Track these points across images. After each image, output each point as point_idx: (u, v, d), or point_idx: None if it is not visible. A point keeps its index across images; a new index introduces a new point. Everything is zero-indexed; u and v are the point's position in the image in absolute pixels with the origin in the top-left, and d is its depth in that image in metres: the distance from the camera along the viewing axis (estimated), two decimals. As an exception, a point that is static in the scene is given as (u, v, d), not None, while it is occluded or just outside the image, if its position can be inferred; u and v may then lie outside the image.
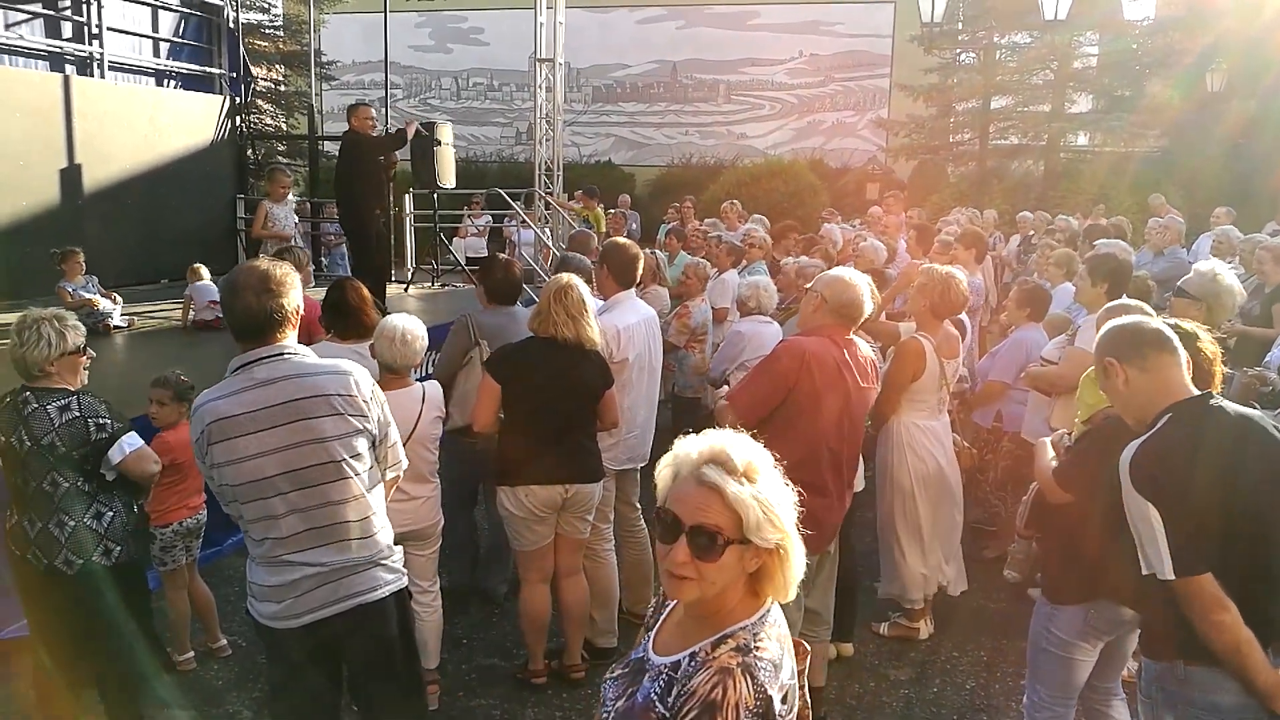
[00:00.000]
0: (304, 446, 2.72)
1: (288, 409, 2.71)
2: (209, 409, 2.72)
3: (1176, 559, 2.23)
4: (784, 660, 1.62)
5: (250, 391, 2.71)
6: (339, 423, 2.76)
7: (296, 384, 2.74)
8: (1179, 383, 2.43)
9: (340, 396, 2.77)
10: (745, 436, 1.67)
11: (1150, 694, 2.46)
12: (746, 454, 1.63)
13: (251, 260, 2.90)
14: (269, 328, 2.73)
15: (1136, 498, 2.30)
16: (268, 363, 2.74)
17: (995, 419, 5.48)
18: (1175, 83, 16.92)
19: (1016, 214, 12.94)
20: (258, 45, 18.07)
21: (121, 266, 10.69)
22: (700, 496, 1.58)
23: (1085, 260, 5.49)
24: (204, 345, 7.98)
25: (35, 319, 3.37)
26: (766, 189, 19.22)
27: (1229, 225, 9.28)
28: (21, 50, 10.61)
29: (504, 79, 24.83)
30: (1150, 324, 2.53)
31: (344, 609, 2.80)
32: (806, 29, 23.29)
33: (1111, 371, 2.49)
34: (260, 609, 2.80)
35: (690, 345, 6.72)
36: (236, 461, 2.69)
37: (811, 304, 3.75)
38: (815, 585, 3.93)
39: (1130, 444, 2.38)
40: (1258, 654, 2.22)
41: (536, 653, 4.33)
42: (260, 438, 2.68)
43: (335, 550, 2.78)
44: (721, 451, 1.61)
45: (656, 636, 1.73)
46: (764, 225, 10.17)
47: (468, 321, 4.70)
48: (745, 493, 1.58)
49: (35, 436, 3.29)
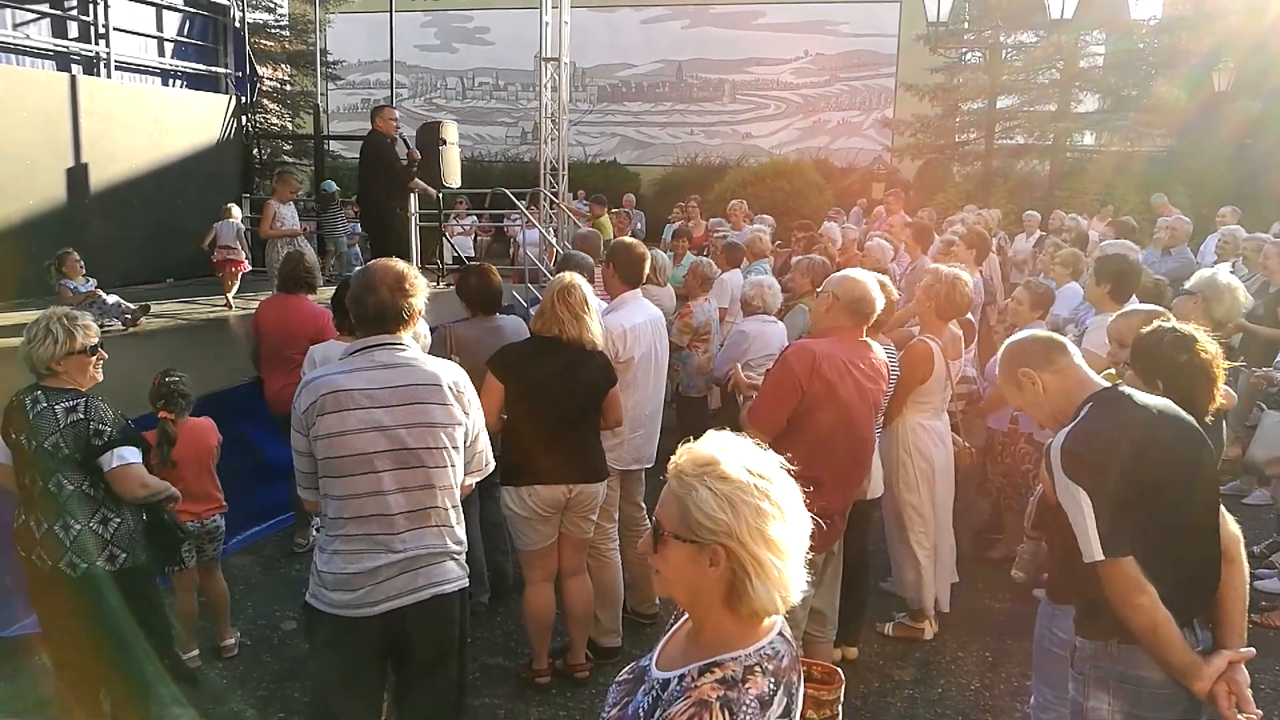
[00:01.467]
0: (417, 429, 2.83)
1: (404, 391, 2.83)
2: (326, 381, 2.81)
3: (1104, 541, 2.31)
4: (777, 696, 1.53)
5: (370, 371, 2.83)
6: (449, 412, 2.89)
7: (416, 370, 2.88)
8: (1088, 377, 2.56)
9: (452, 389, 2.91)
10: (739, 438, 1.63)
11: (1083, 671, 2.53)
12: (710, 453, 1.57)
13: (387, 259, 3.00)
14: (396, 322, 2.88)
15: (1068, 484, 2.37)
16: (389, 349, 2.87)
17: (1010, 421, 5.46)
18: (1181, 82, 16.88)
19: (1022, 213, 12.92)
20: (263, 45, 18.11)
21: (127, 265, 10.73)
22: (664, 492, 1.61)
23: (1093, 261, 5.48)
24: (202, 346, 7.98)
25: (47, 316, 3.38)
26: (772, 188, 19.25)
27: (1234, 225, 9.27)
28: (28, 50, 10.66)
29: (509, 78, 24.89)
30: (1044, 333, 2.71)
31: (421, 599, 2.87)
32: (812, 28, 23.32)
33: (1027, 381, 2.60)
34: (332, 598, 2.83)
35: (694, 345, 6.72)
36: (345, 433, 2.77)
37: (824, 304, 3.76)
38: (821, 584, 3.93)
39: (1058, 434, 2.46)
40: (1174, 635, 2.30)
41: (541, 652, 4.33)
42: (373, 414, 2.78)
43: (424, 536, 2.88)
44: (687, 450, 1.60)
45: (664, 648, 1.71)
46: (770, 225, 10.18)
47: (446, 334, 4.72)
48: (681, 488, 1.55)
49: (40, 437, 3.28)
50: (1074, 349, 2.63)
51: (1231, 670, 2.33)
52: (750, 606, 1.54)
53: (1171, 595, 2.31)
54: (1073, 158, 19.39)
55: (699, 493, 1.53)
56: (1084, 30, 17.70)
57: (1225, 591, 2.46)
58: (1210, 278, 4.60)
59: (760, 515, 1.52)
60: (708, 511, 1.51)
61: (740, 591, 1.53)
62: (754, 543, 1.51)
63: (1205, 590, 2.45)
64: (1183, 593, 2.36)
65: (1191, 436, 2.44)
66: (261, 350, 5.65)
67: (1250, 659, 2.40)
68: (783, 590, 1.54)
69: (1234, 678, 2.32)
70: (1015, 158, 19.81)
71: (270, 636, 4.79)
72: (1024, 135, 19.70)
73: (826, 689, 1.94)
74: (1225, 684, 2.31)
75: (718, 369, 6.05)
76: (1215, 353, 2.79)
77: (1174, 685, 2.37)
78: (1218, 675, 2.32)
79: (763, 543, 1.52)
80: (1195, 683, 2.32)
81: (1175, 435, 2.42)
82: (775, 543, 1.53)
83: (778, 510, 1.54)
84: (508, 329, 4.85)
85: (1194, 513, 2.41)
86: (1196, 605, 2.43)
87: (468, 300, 4.82)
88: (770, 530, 1.52)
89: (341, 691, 2.94)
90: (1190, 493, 2.40)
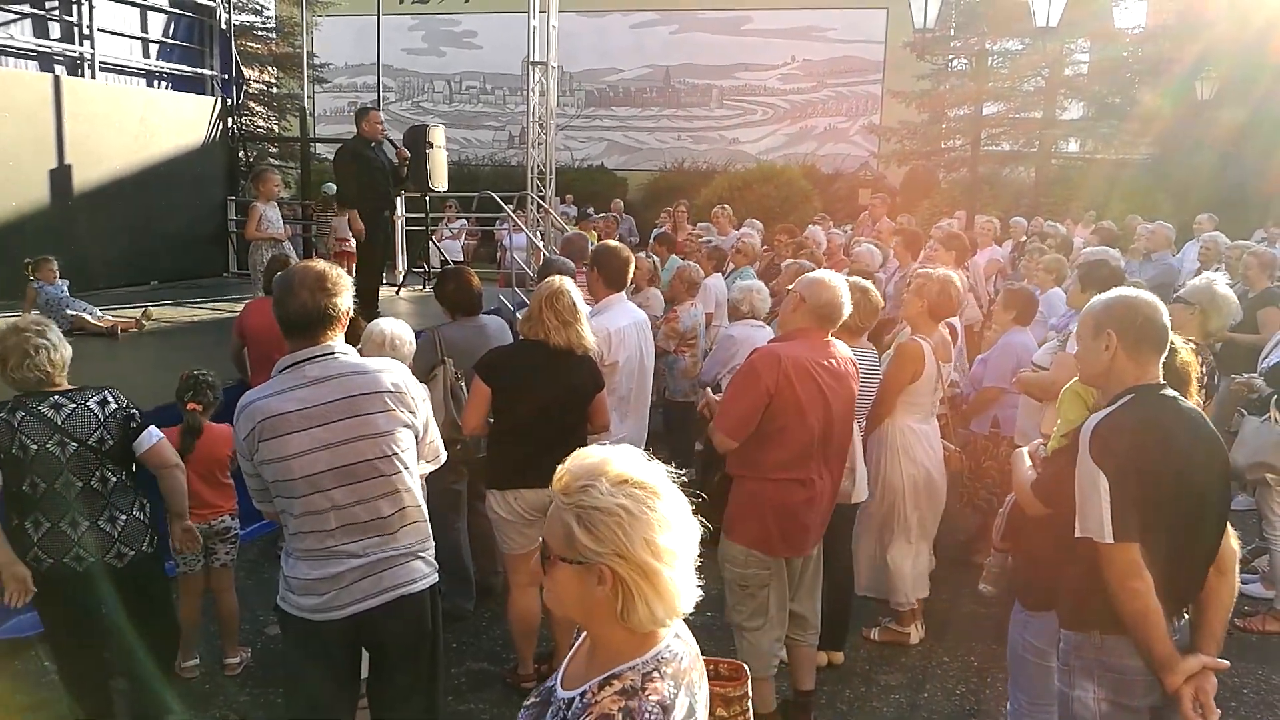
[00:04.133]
0: (358, 442, 2.78)
1: (341, 405, 2.77)
2: (259, 407, 2.75)
3: (1116, 524, 2.38)
4: (679, 699, 1.54)
5: (302, 389, 2.76)
6: (390, 418, 2.83)
7: (350, 381, 2.80)
8: (1151, 373, 2.57)
9: (392, 393, 2.84)
10: (622, 449, 1.59)
11: (1068, 662, 2.61)
12: (590, 469, 1.54)
13: (308, 260, 2.96)
14: (321, 325, 2.79)
15: (1090, 464, 2.43)
16: (319, 361, 2.80)
17: (992, 424, 5.48)
18: (1166, 91, 17.02)
19: (1009, 219, 12.99)
20: (250, 47, 18.02)
21: (111, 268, 10.66)
22: (549, 512, 1.59)
23: (1076, 267, 5.50)
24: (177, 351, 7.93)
25: (21, 333, 3.33)
26: (759, 194, 19.26)
27: (1214, 231, 9.34)
28: (11, 50, 10.57)
29: (497, 82, 24.85)
30: (1160, 320, 2.58)
31: (386, 600, 2.85)
32: (799, 34, 23.38)
33: (1106, 339, 2.56)
34: (300, 602, 2.82)
35: (680, 349, 6.72)
36: (288, 458, 2.73)
37: (791, 304, 3.78)
38: (800, 588, 3.94)
39: (1093, 415, 2.53)
40: (1161, 626, 2.39)
41: (526, 657, 4.32)
42: (312, 434, 2.73)
43: (381, 541, 2.84)
44: (568, 468, 1.57)
45: (567, 667, 1.69)
46: (758, 230, 10.18)
47: (434, 337, 4.72)
48: (564, 508, 1.53)
49: (82, 436, 3.33)
50: (1167, 348, 2.61)
51: (1202, 675, 2.42)
52: (642, 619, 1.53)
53: (1162, 592, 2.39)
54: (1058, 165, 19.50)
55: (581, 512, 1.50)
56: (1069, 38, 17.83)
57: (1211, 601, 2.54)
58: (1207, 288, 4.59)
59: (645, 530, 1.50)
60: (591, 531, 1.49)
61: (630, 606, 1.52)
62: (640, 558, 1.49)
63: (1191, 593, 2.53)
64: (1173, 591, 2.43)
65: (1215, 449, 2.53)
66: (249, 353, 5.62)
67: (1223, 669, 2.47)
68: (673, 601, 1.53)
69: (1202, 683, 2.41)
70: (1002, 165, 19.92)
71: (254, 640, 4.75)
72: (1010, 142, 19.82)
73: (733, 685, 1.92)
74: (1193, 686, 2.40)
75: (705, 373, 6.04)
76: (1191, 361, 2.87)
77: (1147, 672, 2.46)
78: (1189, 675, 2.40)
79: (650, 556, 1.50)
80: (1168, 676, 2.40)
81: (1200, 444, 2.49)
82: (662, 555, 1.51)
83: (663, 522, 1.52)
84: (492, 328, 4.93)
85: (1201, 520, 2.49)
86: (1181, 605, 2.52)
87: (448, 304, 4.91)
88: (657, 542, 1.50)
89: (315, 693, 2.94)
90: (1203, 502, 2.49)
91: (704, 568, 1.60)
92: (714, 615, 4.07)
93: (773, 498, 3.62)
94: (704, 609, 1.63)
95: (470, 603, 5.07)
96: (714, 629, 4.04)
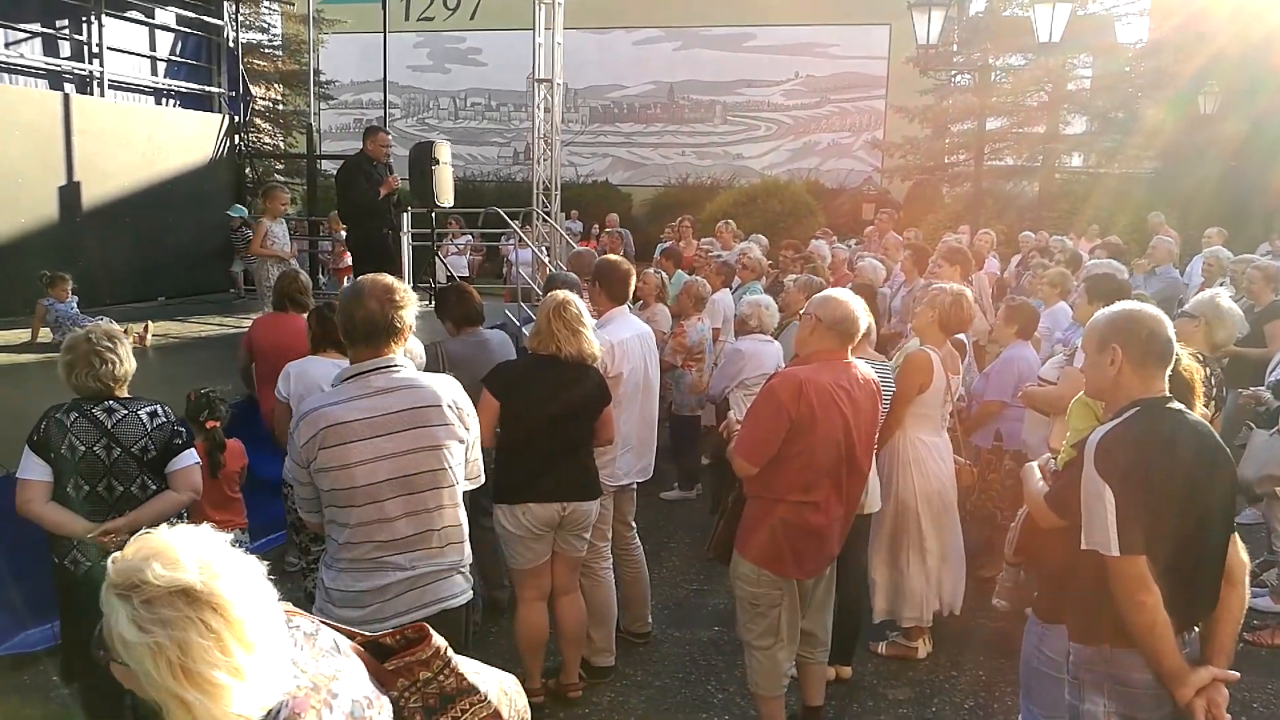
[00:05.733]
0: (419, 453, 2.82)
1: (405, 416, 2.81)
2: (324, 413, 2.78)
3: (1122, 537, 2.37)
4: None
5: (367, 399, 2.79)
6: (449, 431, 2.88)
7: (414, 393, 2.85)
8: (1156, 386, 2.56)
9: (452, 407, 2.89)
10: (199, 530, 1.45)
11: (1078, 676, 2.61)
12: (140, 562, 1.34)
13: (376, 274, 2.97)
14: (387, 336, 2.82)
15: (1095, 477, 2.43)
16: (384, 372, 2.83)
17: (995, 438, 5.48)
18: (1168, 105, 17.05)
19: (1015, 234, 13.01)
20: (257, 65, 18.17)
21: (118, 284, 10.70)
22: None
23: (1083, 280, 5.51)
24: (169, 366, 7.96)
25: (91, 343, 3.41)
26: (763, 209, 19.33)
27: (1219, 246, 9.34)
28: (21, 69, 10.66)
29: (502, 99, 24.96)
30: (1165, 334, 2.58)
31: (429, 614, 2.86)
32: (802, 51, 23.47)
33: (1111, 355, 2.56)
34: (341, 615, 2.82)
35: (687, 364, 6.73)
36: (350, 466, 2.76)
37: (807, 326, 3.74)
38: (811, 606, 3.92)
39: (1098, 429, 2.52)
40: (1169, 639, 2.38)
41: (533, 671, 4.30)
42: (375, 443, 2.76)
43: (428, 554, 2.89)
44: (122, 555, 1.38)
45: None
46: (762, 245, 10.21)
47: (438, 351, 4.76)
48: (106, 604, 1.34)
49: (127, 442, 3.39)
50: (1173, 362, 2.60)
51: (1214, 687, 2.40)
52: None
53: (1171, 605, 2.38)
54: (1061, 179, 19.54)
55: (119, 614, 1.31)
56: (1072, 53, 17.89)
57: (1221, 613, 2.53)
58: (1211, 301, 4.60)
59: (193, 647, 1.30)
60: (127, 639, 1.31)
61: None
62: (180, 684, 1.29)
63: (1203, 607, 2.52)
64: (1181, 604, 2.42)
65: (1221, 461, 2.52)
66: (257, 369, 5.64)
67: (1234, 681, 2.46)
68: (241, 707, 1.33)
69: (1214, 695, 2.39)
70: (1005, 179, 19.95)
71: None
72: (1013, 157, 19.86)
73: (421, 648, 1.76)
74: (1204, 699, 2.38)
75: (713, 388, 6.05)
76: (1195, 371, 2.90)
77: (1157, 685, 2.45)
78: (1200, 687, 2.39)
79: (199, 678, 1.30)
80: (1179, 689, 2.39)
81: (1206, 456, 2.49)
82: (225, 668, 1.32)
83: (221, 629, 1.32)
84: (494, 342, 4.98)
85: (1208, 532, 2.49)
86: (1192, 619, 2.51)
87: (450, 318, 4.95)
88: (212, 657, 1.31)
89: None
90: (1209, 514, 2.48)
91: (716, 581, 1.60)
92: (721, 630, 4.07)
93: (787, 519, 3.59)
94: (712, 624, 1.62)
95: (477, 616, 5.07)
96: (722, 644, 4.04)
